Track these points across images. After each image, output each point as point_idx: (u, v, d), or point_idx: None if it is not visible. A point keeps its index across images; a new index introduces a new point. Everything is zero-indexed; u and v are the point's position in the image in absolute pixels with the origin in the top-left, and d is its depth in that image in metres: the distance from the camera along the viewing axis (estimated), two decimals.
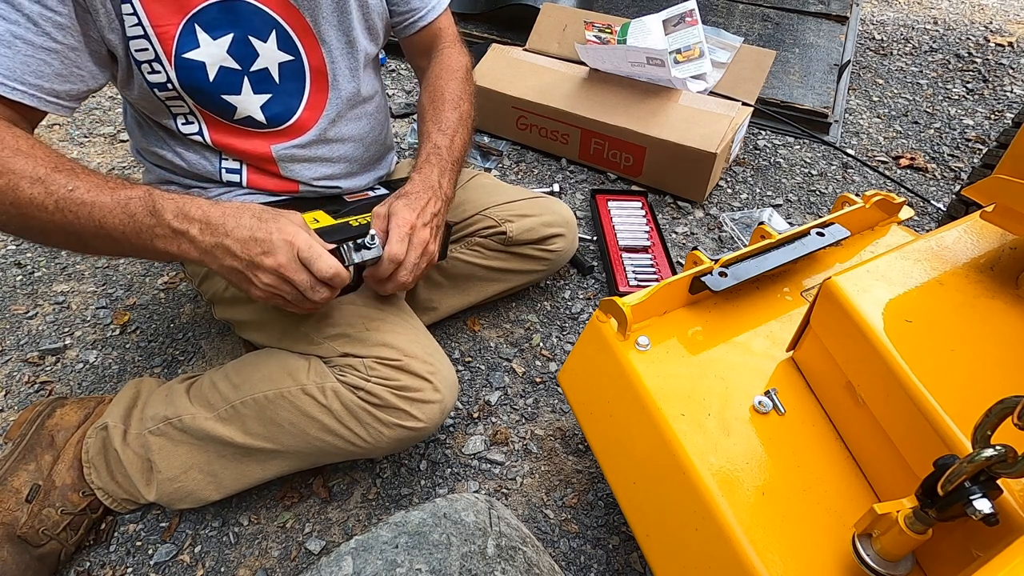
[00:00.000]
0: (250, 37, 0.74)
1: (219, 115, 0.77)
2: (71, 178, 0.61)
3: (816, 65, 1.91)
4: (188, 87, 0.73)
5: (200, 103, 0.75)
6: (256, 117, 0.79)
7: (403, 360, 0.75)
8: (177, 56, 0.70)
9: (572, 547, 0.85)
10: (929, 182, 1.63)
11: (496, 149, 1.66)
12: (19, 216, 0.60)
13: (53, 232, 0.62)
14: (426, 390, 0.75)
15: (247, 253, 0.62)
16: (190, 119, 0.77)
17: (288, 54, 0.78)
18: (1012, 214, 0.62)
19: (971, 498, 0.41)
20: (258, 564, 0.82)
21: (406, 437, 0.76)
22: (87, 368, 1.08)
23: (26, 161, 0.60)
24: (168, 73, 0.71)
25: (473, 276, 1.08)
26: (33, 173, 0.60)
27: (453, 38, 0.98)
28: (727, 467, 0.58)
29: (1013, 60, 2.28)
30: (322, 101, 0.83)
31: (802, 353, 0.67)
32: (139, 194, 0.62)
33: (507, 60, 1.67)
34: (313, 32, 0.78)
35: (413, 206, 0.75)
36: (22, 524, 0.75)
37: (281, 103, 0.80)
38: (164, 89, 0.72)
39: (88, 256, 1.31)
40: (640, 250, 1.29)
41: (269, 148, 0.82)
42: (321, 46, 0.80)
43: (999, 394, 0.41)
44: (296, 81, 0.80)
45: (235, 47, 0.73)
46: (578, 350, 0.75)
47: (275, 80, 0.78)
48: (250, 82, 0.76)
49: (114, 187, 0.62)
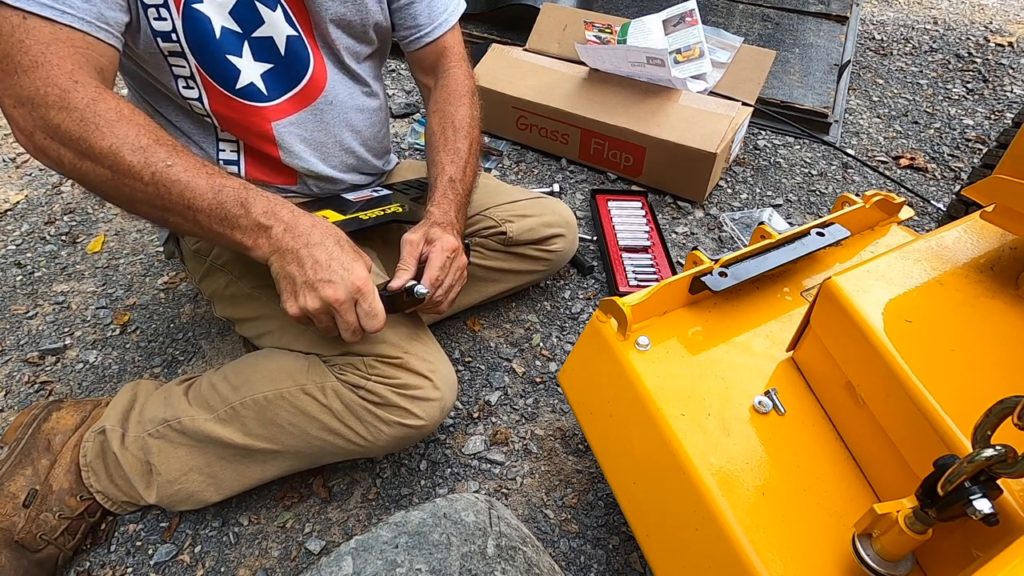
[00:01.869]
0: (256, 1, 0.74)
1: (221, 82, 0.77)
2: (171, 153, 0.61)
3: (816, 65, 1.91)
4: (193, 42, 0.72)
5: (202, 63, 0.75)
6: (258, 85, 0.79)
7: (403, 358, 0.75)
8: (186, 5, 0.70)
9: (572, 547, 0.85)
10: (929, 182, 1.63)
11: (496, 149, 1.66)
12: (113, 181, 0.60)
13: (140, 202, 0.62)
14: (426, 387, 0.75)
15: (314, 273, 0.63)
16: (190, 84, 0.77)
17: (293, 30, 0.78)
18: (1012, 214, 0.62)
19: (971, 498, 0.41)
20: (258, 564, 0.82)
21: (406, 435, 0.76)
22: (87, 368, 1.08)
23: (129, 128, 0.60)
24: (175, 21, 0.70)
25: (473, 276, 1.08)
26: (136, 141, 0.59)
27: (459, 57, 0.96)
28: (727, 467, 0.58)
29: (1013, 60, 2.28)
30: (322, 79, 0.84)
31: (802, 353, 0.67)
32: (234, 185, 0.62)
33: (507, 60, 1.67)
34: (307, 11, 0.79)
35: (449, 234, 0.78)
36: (20, 529, 0.75)
37: (283, 74, 0.80)
38: (168, 40, 0.71)
39: (86, 258, 1.31)
40: (640, 250, 1.29)
41: (270, 125, 0.81)
42: (314, 32, 0.81)
43: (999, 394, 0.41)
44: (300, 55, 0.80)
45: (238, 9, 0.73)
46: (578, 350, 0.75)
47: (280, 52, 0.78)
48: (250, 47, 0.76)
49: (211, 172, 0.62)
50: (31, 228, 1.39)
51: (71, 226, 1.40)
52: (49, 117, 0.58)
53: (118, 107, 0.60)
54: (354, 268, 0.64)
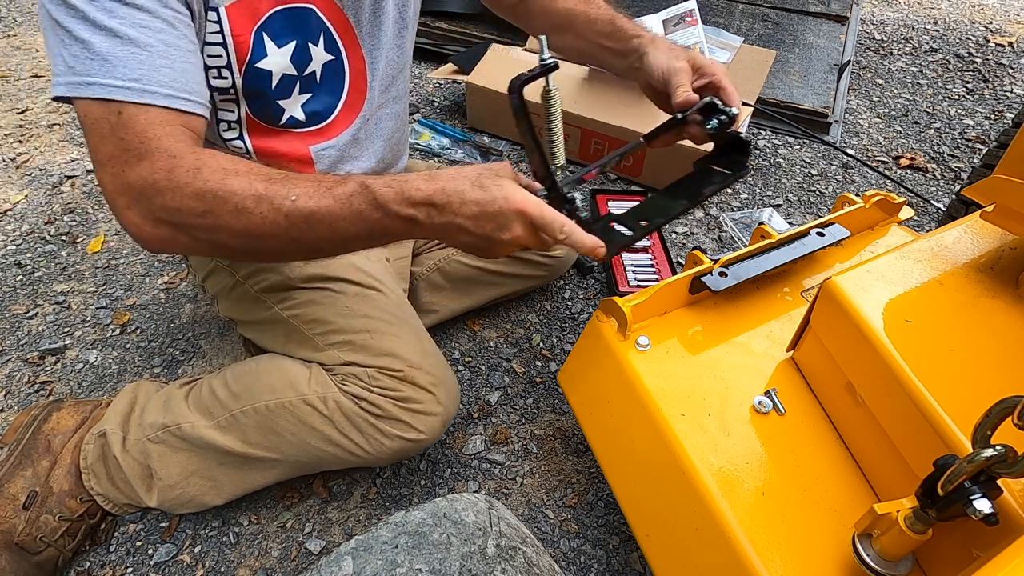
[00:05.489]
0: (309, 43, 0.73)
1: (266, 121, 0.76)
2: (289, 186, 0.57)
3: (816, 65, 1.91)
4: (250, 93, 0.71)
5: (253, 110, 0.74)
6: (297, 116, 0.77)
7: (406, 371, 0.75)
8: (249, 65, 0.68)
9: (572, 547, 0.85)
10: (929, 182, 1.63)
11: (496, 149, 1.66)
12: (254, 240, 0.57)
13: (287, 247, 0.59)
14: (428, 402, 0.75)
15: (481, 230, 0.58)
16: (233, 126, 0.75)
17: (331, 54, 0.77)
18: (1012, 214, 0.62)
19: (971, 498, 0.41)
20: (258, 564, 0.82)
21: (406, 449, 0.76)
22: (87, 368, 1.08)
23: (240, 180, 0.56)
24: (235, 80, 0.69)
25: (475, 280, 1.08)
26: (252, 191, 0.56)
27: None
28: (727, 467, 0.58)
29: (1013, 60, 2.28)
30: (360, 101, 0.83)
31: (802, 353, 0.67)
32: (355, 188, 0.58)
33: (507, 60, 1.66)
34: (355, 32, 0.77)
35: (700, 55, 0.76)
36: (20, 532, 0.75)
37: (320, 102, 0.79)
38: (224, 94, 0.70)
39: (85, 262, 1.31)
40: (640, 250, 1.29)
41: (308, 148, 0.80)
42: (361, 46, 0.79)
43: (999, 394, 0.41)
44: (336, 80, 0.79)
45: (296, 54, 0.72)
46: (578, 350, 0.75)
47: (317, 80, 0.77)
48: (299, 85, 0.75)
49: (330, 185, 0.58)
50: (31, 228, 1.39)
51: (71, 226, 1.40)
52: (167, 204, 0.55)
53: (216, 164, 0.57)
54: (505, 197, 0.58)
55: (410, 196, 0.57)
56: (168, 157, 0.56)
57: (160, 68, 0.56)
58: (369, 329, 0.78)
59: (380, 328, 0.79)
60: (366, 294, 0.82)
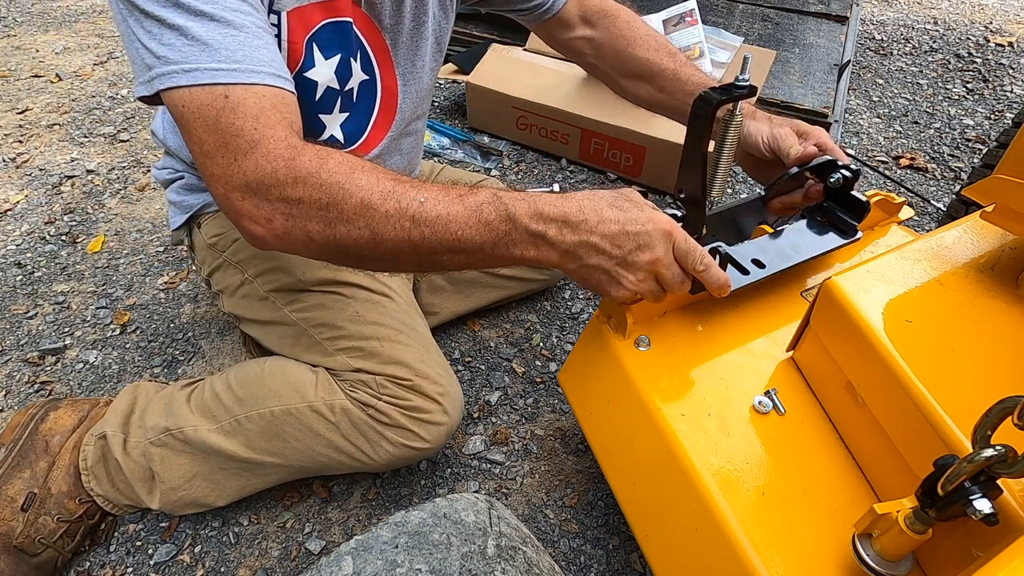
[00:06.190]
0: (350, 58, 0.72)
1: (307, 135, 0.74)
2: (419, 188, 0.54)
3: (816, 65, 1.91)
4: None
5: None
6: (337, 136, 0.76)
7: (415, 381, 0.75)
8: (298, 74, 0.67)
9: (572, 547, 0.85)
10: (929, 182, 1.63)
11: (496, 149, 1.66)
12: (372, 239, 0.53)
13: (404, 253, 0.55)
14: (435, 412, 0.75)
15: (619, 250, 0.55)
16: None
17: (366, 74, 0.76)
18: (1012, 214, 0.62)
19: (971, 498, 0.41)
20: (258, 564, 0.82)
21: (409, 456, 0.76)
22: (87, 368, 1.08)
23: (366, 176, 0.53)
24: None
25: (476, 281, 1.08)
26: (380, 187, 0.53)
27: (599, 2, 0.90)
28: (727, 467, 0.58)
29: (1013, 60, 2.28)
30: (388, 121, 0.83)
31: (802, 353, 0.67)
32: (487, 198, 0.55)
33: (507, 60, 1.67)
34: (391, 55, 0.77)
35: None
36: (18, 534, 0.75)
37: (355, 122, 0.78)
38: None
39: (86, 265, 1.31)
40: None
41: None
42: (395, 68, 0.79)
43: (999, 394, 0.41)
44: (368, 100, 0.79)
45: (340, 68, 0.71)
46: (578, 350, 0.75)
47: (354, 99, 0.76)
48: (340, 101, 0.74)
49: (461, 193, 0.55)
50: (31, 228, 1.39)
51: (71, 226, 1.40)
52: (287, 195, 0.52)
53: (342, 158, 0.54)
54: (651, 218, 0.56)
55: (542, 211, 0.55)
56: (287, 146, 0.53)
57: (259, 48, 0.55)
58: (378, 336, 0.78)
59: (389, 336, 0.78)
60: (376, 300, 0.82)
